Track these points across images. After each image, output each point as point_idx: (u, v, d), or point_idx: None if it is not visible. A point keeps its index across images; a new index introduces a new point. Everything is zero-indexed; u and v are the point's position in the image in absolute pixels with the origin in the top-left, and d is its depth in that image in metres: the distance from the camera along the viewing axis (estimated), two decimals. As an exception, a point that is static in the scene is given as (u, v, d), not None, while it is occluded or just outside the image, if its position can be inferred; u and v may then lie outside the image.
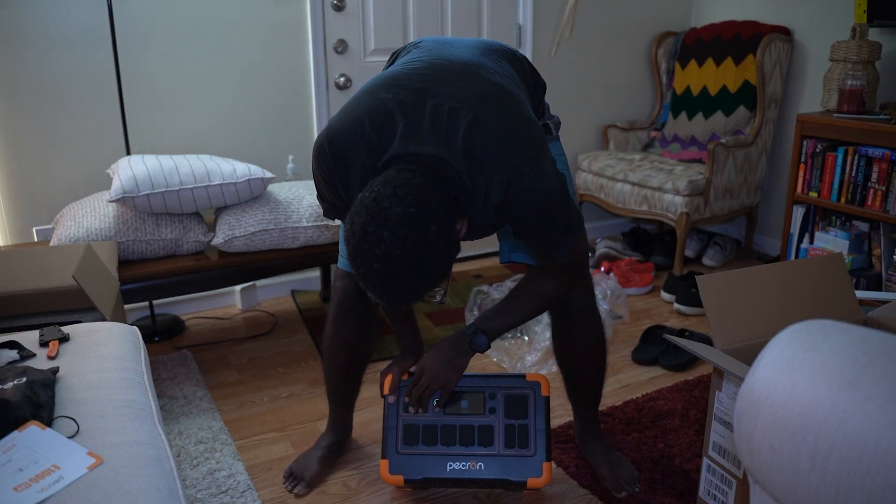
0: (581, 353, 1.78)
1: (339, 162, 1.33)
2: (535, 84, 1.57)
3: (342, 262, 1.74)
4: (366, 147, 1.30)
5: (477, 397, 1.64)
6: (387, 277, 1.17)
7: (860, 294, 2.14)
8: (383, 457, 1.64)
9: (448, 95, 1.29)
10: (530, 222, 1.32)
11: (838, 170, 2.86)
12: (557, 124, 1.65)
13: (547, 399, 1.64)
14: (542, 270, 1.52)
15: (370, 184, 1.22)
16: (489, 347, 1.58)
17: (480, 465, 1.60)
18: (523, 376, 1.66)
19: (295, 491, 1.83)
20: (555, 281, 1.53)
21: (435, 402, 1.63)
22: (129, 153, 2.65)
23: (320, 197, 1.47)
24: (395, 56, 1.61)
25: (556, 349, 1.81)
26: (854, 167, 2.79)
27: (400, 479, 1.62)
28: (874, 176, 2.73)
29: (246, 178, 2.39)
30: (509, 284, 2.98)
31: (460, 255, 3.56)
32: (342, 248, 1.73)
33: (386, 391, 1.68)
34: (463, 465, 1.61)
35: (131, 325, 2.04)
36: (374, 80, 1.37)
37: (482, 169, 1.26)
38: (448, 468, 1.61)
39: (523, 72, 1.52)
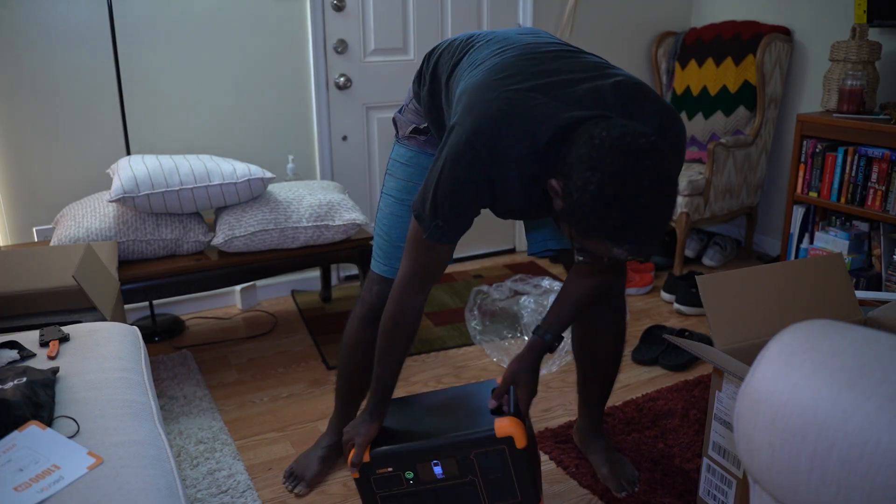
0: (604, 343, 1.78)
1: (492, 155, 1.24)
2: None
3: (377, 265, 1.70)
4: (517, 135, 1.23)
5: (450, 462, 1.50)
6: (654, 208, 1.11)
7: (860, 294, 2.14)
8: None
9: (572, 69, 1.29)
10: (677, 161, 1.33)
11: (838, 170, 2.86)
12: None
13: (524, 451, 1.47)
14: (591, 269, 1.50)
15: (587, 136, 1.15)
16: (561, 341, 1.57)
17: None
18: (492, 433, 1.47)
19: (295, 491, 1.83)
20: (605, 276, 1.51)
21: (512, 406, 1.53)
22: (129, 153, 2.65)
23: (434, 214, 1.32)
24: (434, 59, 1.55)
25: (577, 338, 1.81)
26: (854, 167, 2.79)
27: None
28: (874, 176, 2.73)
29: (246, 178, 2.39)
30: (509, 284, 2.98)
31: (460, 255, 3.56)
32: (377, 251, 1.70)
33: (354, 469, 1.52)
34: None
35: (131, 325, 2.04)
36: (481, 80, 1.32)
37: (638, 119, 1.25)
38: None
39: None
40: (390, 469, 1.51)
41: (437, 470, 1.51)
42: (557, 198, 1.19)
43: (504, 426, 1.46)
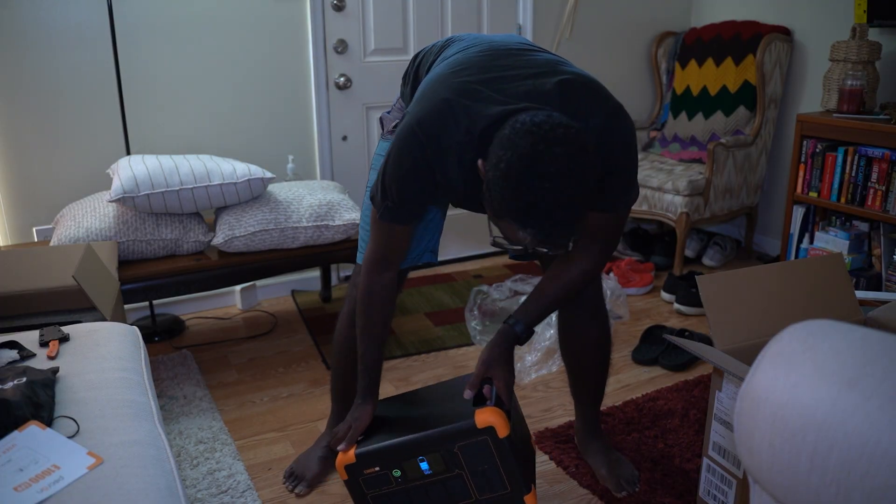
0: (586, 345, 1.78)
1: (433, 141, 1.33)
2: None
3: (361, 257, 1.73)
4: (456, 124, 1.31)
5: (435, 457, 1.49)
6: (559, 195, 1.15)
7: (860, 294, 2.14)
8: None
9: (521, 66, 1.35)
10: (621, 165, 1.38)
11: (838, 170, 2.86)
12: None
13: (507, 439, 1.45)
14: (569, 258, 1.52)
15: (512, 121, 1.21)
16: (531, 335, 1.56)
17: None
18: (473, 424, 1.44)
19: (296, 491, 1.83)
20: (583, 264, 1.52)
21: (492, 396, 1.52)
22: (129, 153, 2.65)
23: (384, 195, 1.42)
24: (418, 60, 1.63)
25: (561, 341, 1.82)
26: (854, 167, 2.79)
27: None
28: (874, 176, 2.73)
29: (246, 178, 2.39)
30: (509, 285, 2.98)
31: (460, 256, 3.56)
32: (360, 244, 1.74)
33: (342, 471, 1.52)
34: None
35: (131, 325, 2.04)
36: (437, 73, 1.41)
37: (579, 115, 1.31)
38: None
39: None
40: (377, 469, 1.51)
41: (424, 466, 1.50)
42: (482, 179, 1.25)
43: (485, 417, 1.43)
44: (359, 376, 1.58)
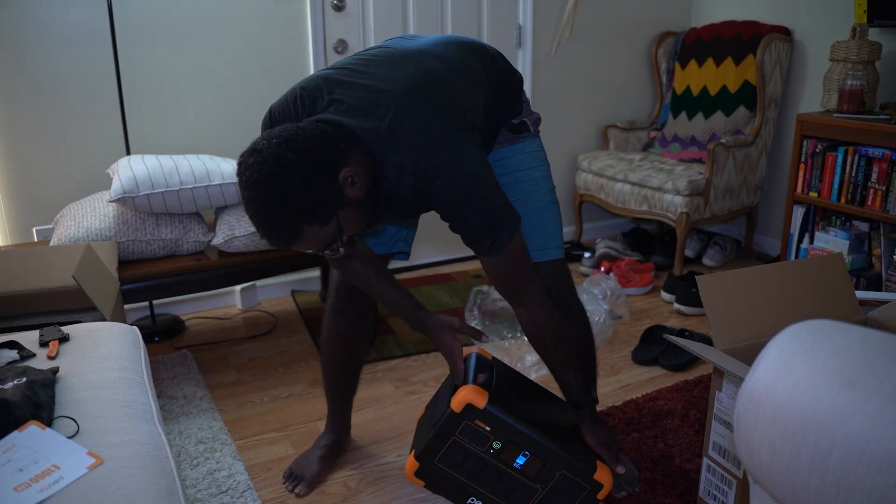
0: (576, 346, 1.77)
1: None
2: (506, 79, 1.56)
3: None
4: (296, 117, 1.38)
5: (536, 462, 1.50)
6: (253, 204, 1.22)
7: (860, 294, 2.14)
8: (417, 457, 1.51)
9: (379, 78, 1.34)
10: (451, 210, 1.34)
11: (838, 170, 2.86)
12: (536, 121, 1.67)
13: (599, 501, 1.53)
14: (514, 309, 1.52)
15: None
16: (594, 401, 1.60)
17: None
18: (594, 466, 1.51)
19: (296, 491, 1.83)
20: (523, 309, 1.49)
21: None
22: (129, 153, 2.65)
23: None
24: None
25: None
26: (854, 167, 2.79)
27: (421, 483, 1.55)
28: (874, 176, 2.73)
29: (246, 178, 2.39)
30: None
31: (460, 256, 3.56)
32: None
33: (456, 408, 1.48)
34: None
35: (131, 325, 2.04)
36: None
37: (397, 149, 1.30)
38: (468, 502, 1.53)
39: (491, 65, 1.53)
40: (488, 429, 1.48)
41: (521, 460, 1.50)
42: None
43: (604, 475, 1.52)
44: (405, 316, 1.59)
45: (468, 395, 1.46)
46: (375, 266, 1.60)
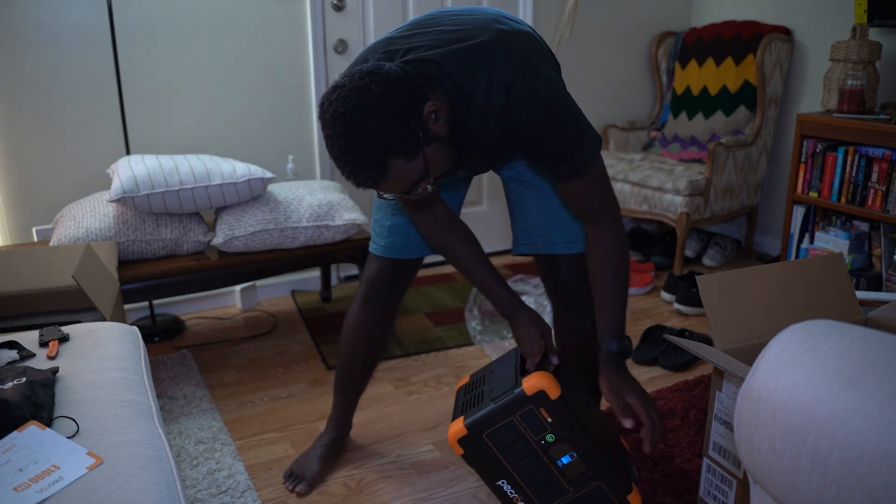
0: (580, 340, 1.78)
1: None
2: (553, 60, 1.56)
3: (373, 246, 1.77)
4: None
5: (580, 465, 1.48)
6: (338, 140, 1.19)
7: (860, 294, 2.14)
8: (468, 425, 1.47)
9: (451, 23, 1.35)
10: (538, 129, 1.32)
11: (838, 170, 2.86)
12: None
13: None
14: (588, 229, 1.47)
15: None
16: (629, 343, 1.55)
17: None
18: (630, 488, 1.49)
19: (297, 490, 1.83)
20: (601, 219, 1.45)
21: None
22: (129, 153, 2.65)
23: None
24: None
25: (556, 336, 1.82)
26: (854, 167, 2.79)
27: (460, 449, 1.51)
28: (874, 176, 2.73)
29: (246, 178, 2.39)
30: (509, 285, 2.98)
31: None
32: (373, 232, 1.77)
33: (544, 384, 1.43)
34: (510, 492, 1.52)
35: (131, 325, 2.04)
36: None
37: (482, 70, 1.29)
38: (497, 483, 1.51)
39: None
40: (550, 420, 1.46)
41: (566, 459, 1.48)
42: None
43: (636, 498, 1.51)
44: (496, 303, 1.57)
45: (543, 382, 1.44)
46: (465, 238, 1.56)
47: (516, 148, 1.43)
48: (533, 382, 1.44)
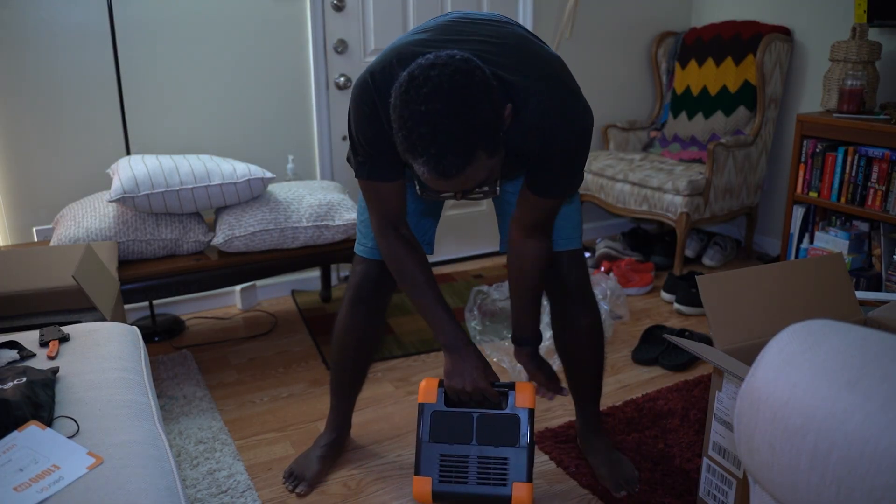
0: (579, 336, 1.78)
1: (380, 91, 1.33)
2: None
3: (359, 247, 1.76)
4: (396, 75, 1.32)
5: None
6: (436, 117, 1.13)
7: (860, 294, 2.14)
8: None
9: (485, 34, 1.35)
10: (567, 152, 1.37)
11: (838, 170, 2.86)
12: None
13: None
14: (523, 237, 1.56)
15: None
16: (540, 339, 1.71)
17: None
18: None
19: (297, 490, 1.83)
20: (540, 236, 1.55)
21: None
22: (129, 153, 2.65)
23: (354, 151, 1.45)
24: None
25: (554, 333, 1.83)
26: (854, 167, 2.79)
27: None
28: (874, 176, 2.73)
29: (246, 178, 2.39)
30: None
31: (460, 255, 3.56)
32: (359, 233, 1.75)
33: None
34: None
35: (131, 325, 2.04)
36: (406, 33, 1.44)
37: (536, 91, 1.30)
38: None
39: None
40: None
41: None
42: None
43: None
44: (438, 333, 1.58)
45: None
46: (428, 270, 1.59)
47: (527, 163, 1.45)
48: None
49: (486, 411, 1.60)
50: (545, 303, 2.70)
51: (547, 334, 2.53)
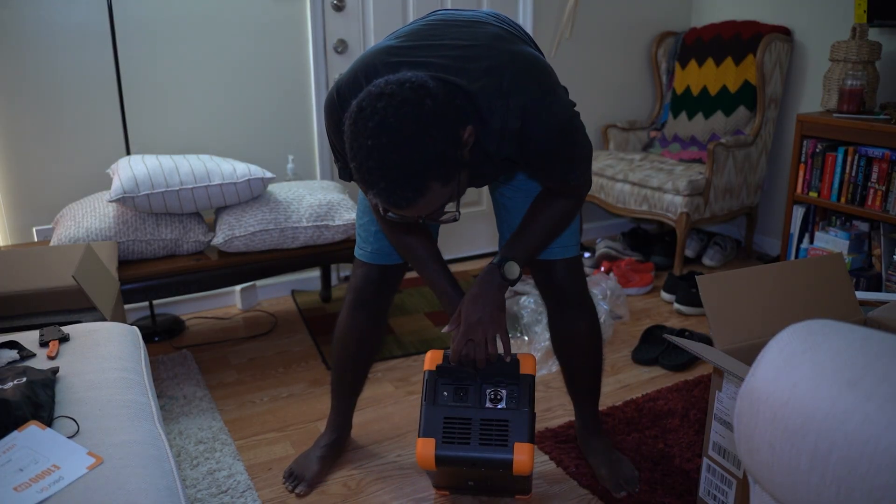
0: (577, 339, 1.78)
1: (345, 106, 1.31)
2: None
3: (359, 251, 1.75)
4: (359, 87, 1.30)
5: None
6: (382, 152, 1.11)
7: (860, 294, 2.14)
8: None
9: (457, 38, 1.32)
10: (547, 149, 1.33)
11: (838, 170, 2.86)
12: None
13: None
14: (549, 193, 1.51)
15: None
16: (521, 275, 1.54)
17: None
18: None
19: (296, 491, 1.83)
20: (564, 199, 1.50)
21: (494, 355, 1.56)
22: (129, 153, 2.65)
23: (335, 156, 1.45)
24: None
25: (552, 338, 1.83)
26: (854, 167, 2.79)
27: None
28: (874, 176, 2.73)
29: (246, 178, 2.39)
30: (509, 284, 2.97)
31: (460, 255, 3.56)
32: (359, 237, 1.75)
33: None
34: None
35: (131, 325, 2.04)
36: (383, 39, 1.41)
37: (499, 94, 1.27)
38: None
39: (529, 40, 1.55)
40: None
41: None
42: None
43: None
44: (437, 295, 1.60)
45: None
46: (430, 244, 1.58)
47: (520, 166, 1.44)
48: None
49: (489, 376, 1.60)
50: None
51: (546, 333, 2.53)
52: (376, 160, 1.12)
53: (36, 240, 2.62)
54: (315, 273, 3.20)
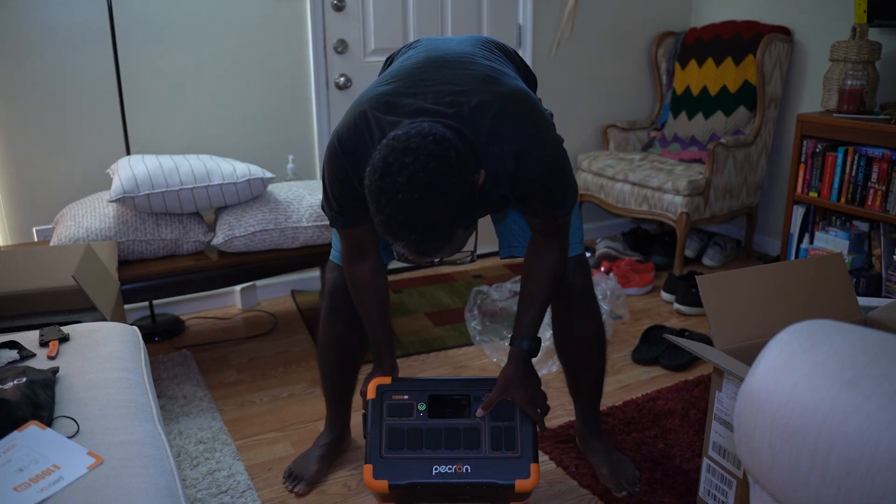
0: (583, 341, 1.79)
1: (349, 156, 1.36)
2: (525, 76, 1.62)
3: (334, 254, 1.77)
4: (371, 137, 1.34)
5: (460, 401, 1.63)
6: (413, 207, 1.14)
7: (861, 301, 2.14)
8: (367, 461, 1.58)
9: (447, 81, 1.34)
10: (540, 186, 1.38)
11: (838, 170, 2.86)
12: (550, 117, 1.67)
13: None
14: (539, 242, 1.56)
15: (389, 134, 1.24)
16: (539, 345, 1.64)
17: (467, 468, 1.55)
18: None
19: (296, 490, 1.83)
20: (555, 244, 1.55)
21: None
22: (129, 153, 2.65)
23: (328, 205, 1.48)
24: (390, 59, 1.66)
25: (556, 339, 1.83)
26: (854, 167, 2.79)
27: (384, 483, 1.54)
28: (874, 176, 2.73)
29: (246, 178, 2.39)
30: (509, 286, 2.98)
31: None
32: (335, 242, 1.76)
33: (373, 390, 1.66)
34: (449, 469, 1.55)
35: (131, 325, 2.04)
36: (370, 85, 1.44)
37: (494, 139, 1.31)
38: (434, 471, 1.55)
39: (515, 62, 1.59)
40: (406, 396, 1.62)
41: (448, 410, 1.62)
42: None
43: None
44: (374, 355, 1.71)
45: (376, 381, 1.66)
46: (381, 288, 1.64)
47: (512, 203, 1.49)
48: (370, 387, 1.64)
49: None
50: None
51: (547, 334, 2.53)
52: (406, 214, 1.15)
53: (36, 240, 2.62)
54: (315, 273, 3.20)
